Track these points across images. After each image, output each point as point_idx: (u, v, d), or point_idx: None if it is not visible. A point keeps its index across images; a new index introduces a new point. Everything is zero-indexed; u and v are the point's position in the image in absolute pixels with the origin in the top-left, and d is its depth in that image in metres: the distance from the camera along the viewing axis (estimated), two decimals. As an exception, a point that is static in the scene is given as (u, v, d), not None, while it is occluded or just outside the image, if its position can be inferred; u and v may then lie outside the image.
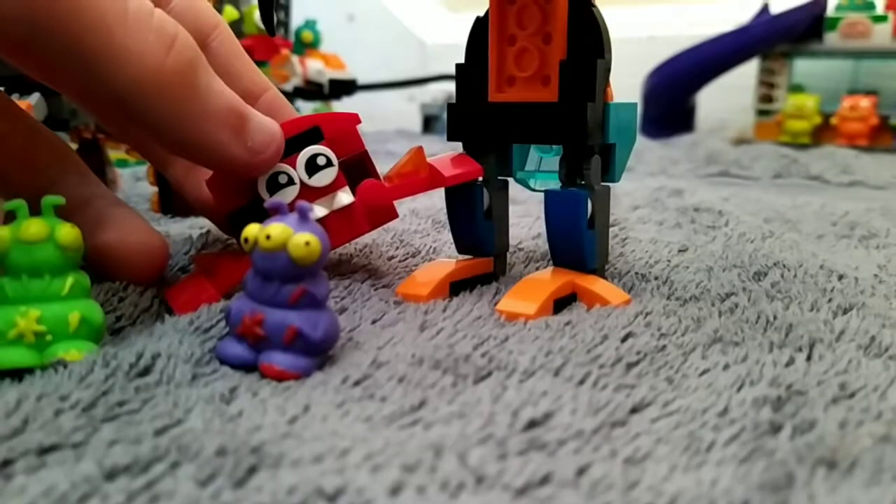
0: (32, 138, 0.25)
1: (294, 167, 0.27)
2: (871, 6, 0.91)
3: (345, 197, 0.27)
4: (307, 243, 0.20)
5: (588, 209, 0.27)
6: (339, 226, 0.27)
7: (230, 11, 0.62)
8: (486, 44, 0.28)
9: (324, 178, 0.27)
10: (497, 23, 0.27)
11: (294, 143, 0.26)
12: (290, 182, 0.27)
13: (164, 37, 0.20)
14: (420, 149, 0.28)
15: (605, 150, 0.28)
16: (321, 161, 0.27)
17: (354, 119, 0.27)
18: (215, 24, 0.26)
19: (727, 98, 0.99)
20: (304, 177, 0.27)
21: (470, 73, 0.28)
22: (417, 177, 0.27)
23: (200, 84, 0.22)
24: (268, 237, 0.20)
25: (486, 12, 0.28)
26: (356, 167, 0.28)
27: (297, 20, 0.84)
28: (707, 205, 0.44)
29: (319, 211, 0.27)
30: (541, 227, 0.34)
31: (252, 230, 0.20)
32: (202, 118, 0.22)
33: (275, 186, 0.27)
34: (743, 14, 0.97)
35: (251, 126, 0.24)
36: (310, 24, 0.80)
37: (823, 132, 0.89)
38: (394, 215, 0.28)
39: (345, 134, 0.27)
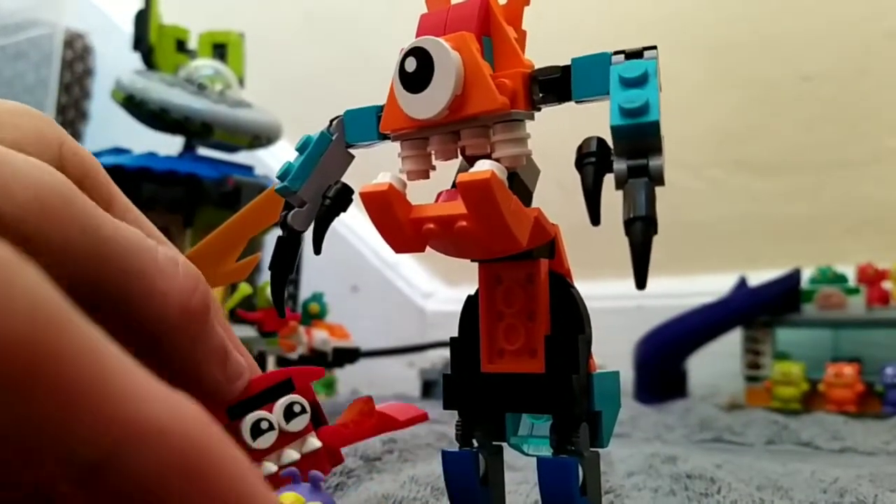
0: None
1: (272, 413, 0.30)
2: (844, 279, 0.95)
3: (314, 441, 0.31)
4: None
5: (579, 475, 0.28)
6: (307, 467, 0.30)
7: (244, 287, 0.67)
8: (478, 319, 0.31)
9: (299, 423, 0.30)
10: (486, 301, 0.31)
11: (270, 393, 0.30)
12: (271, 427, 0.30)
13: (190, 278, 0.24)
14: (368, 398, 0.32)
15: (593, 418, 0.30)
16: (297, 408, 0.30)
17: (319, 373, 0.32)
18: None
19: (717, 364, 1.02)
20: (283, 423, 0.30)
21: (463, 346, 0.31)
22: (369, 422, 0.31)
23: (210, 321, 0.25)
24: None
25: (477, 291, 0.31)
26: (313, 414, 0.31)
27: (304, 293, 0.89)
28: (700, 471, 0.45)
29: (293, 454, 0.30)
30: (538, 494, 0.35)
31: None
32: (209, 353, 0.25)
33: (258, 432, 0.30)
34: (723, 286, 1.03)
35: (232, 357, 0.27)
36: (316, 297, 0.86)
37: (813, 398, 0.90)
38: (340, 460, 0.31)
39: (308, 385, 0.31)
